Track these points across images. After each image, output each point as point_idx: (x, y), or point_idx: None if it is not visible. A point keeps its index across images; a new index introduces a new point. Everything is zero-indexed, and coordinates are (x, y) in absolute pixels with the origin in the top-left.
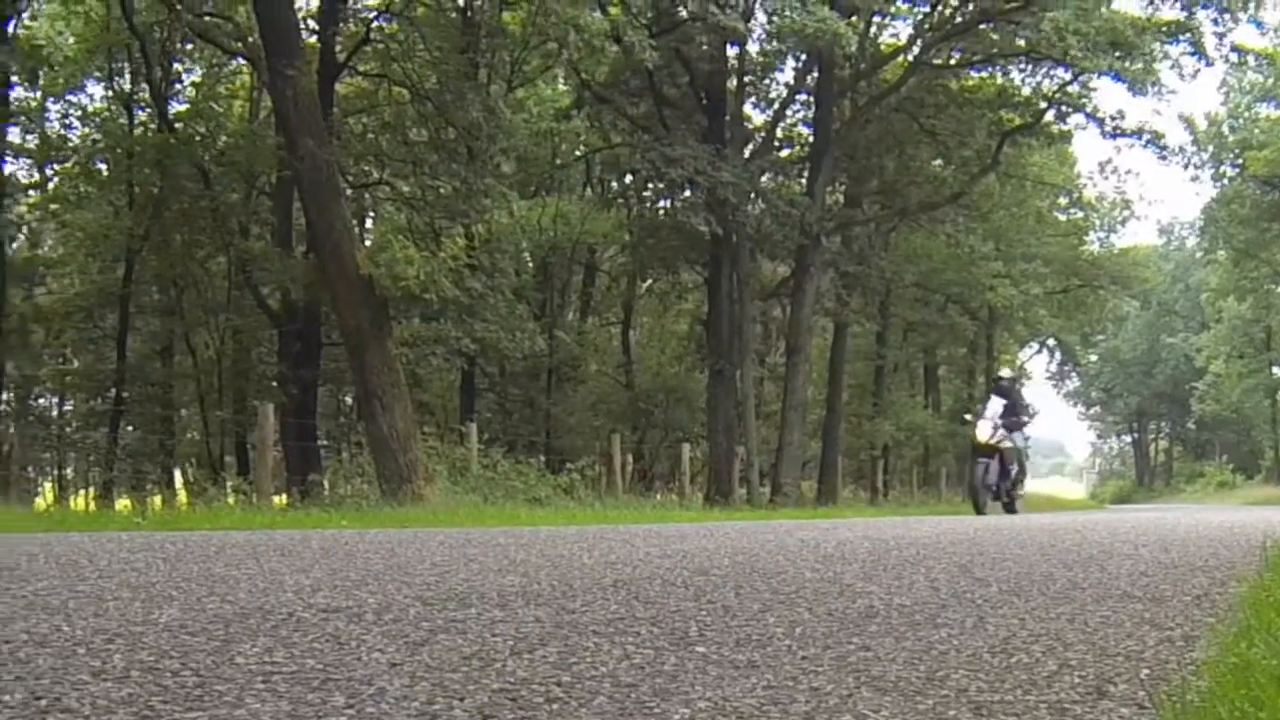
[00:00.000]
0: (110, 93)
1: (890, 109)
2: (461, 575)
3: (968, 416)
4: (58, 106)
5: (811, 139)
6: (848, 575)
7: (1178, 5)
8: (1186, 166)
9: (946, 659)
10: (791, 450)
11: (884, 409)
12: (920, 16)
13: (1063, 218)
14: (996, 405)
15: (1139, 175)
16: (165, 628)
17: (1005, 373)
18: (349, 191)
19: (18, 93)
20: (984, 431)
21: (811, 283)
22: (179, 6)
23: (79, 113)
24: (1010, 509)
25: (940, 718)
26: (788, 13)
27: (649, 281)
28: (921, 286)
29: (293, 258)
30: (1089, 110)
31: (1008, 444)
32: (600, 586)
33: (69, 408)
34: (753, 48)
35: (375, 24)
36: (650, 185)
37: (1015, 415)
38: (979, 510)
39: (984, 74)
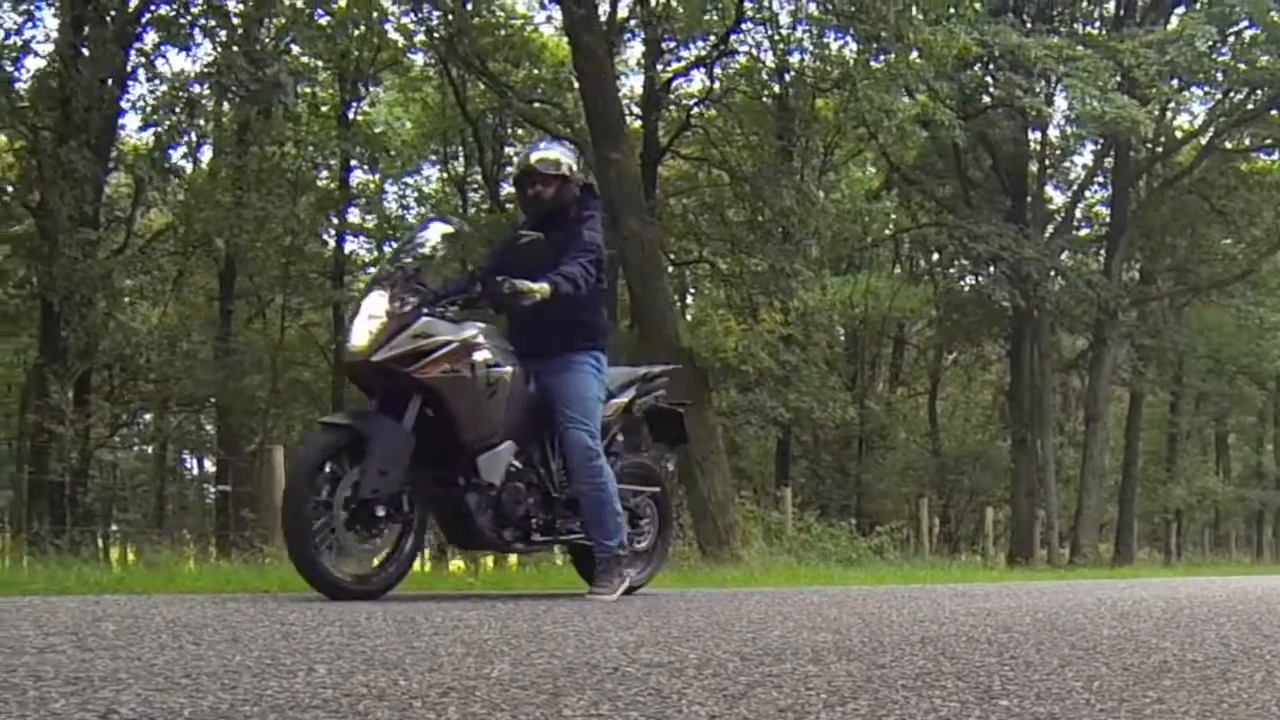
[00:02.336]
0: (445, 175)
1: (1183, 190)
2: (777, 632)
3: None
4: (395, 188)
5: (1109, 219)
6: (1143, 632)
7: None
8: None
9: (1236, 712)
10: (1090, 513)
11: (1176, 474)
12: (1213, 102)
13: None
14: (432, 240)
15: None
16: (496, 682)
17: (547, 152)
18: (671, 268)
19: (357, 175)
20: (363, 331)
21: (1109, 355)
22: (510, 94)
23: (415, 194)
24: (597, 588)
25: None
26: (1089, 101)
27: (954, 354)
28: (1212, 358)
29: (617, 331)
30: None
31: (468, 370)
32: (908, 643)
33: None
34: (1053, 133)
35: (695, 110)
36: (956, 262)
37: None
38: (311, 575)
39: (1273, 158)
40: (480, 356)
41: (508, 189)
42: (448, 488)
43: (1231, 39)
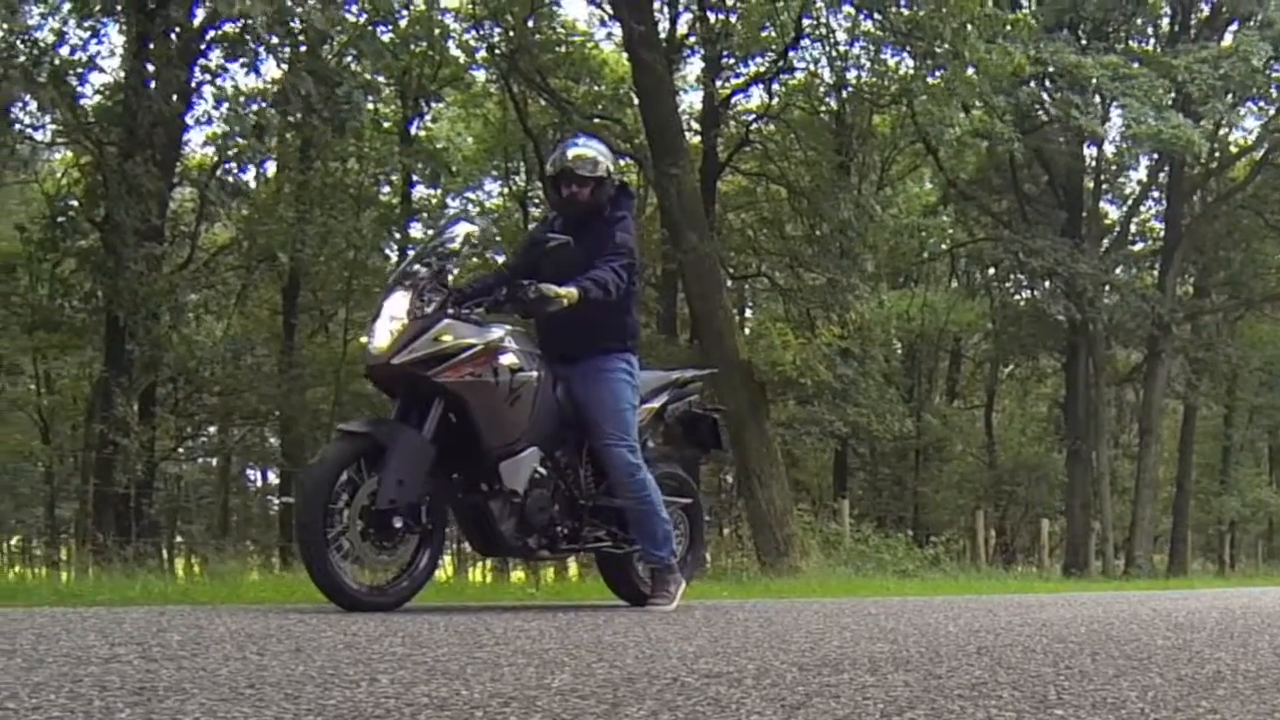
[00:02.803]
0: (506, 190)
1: (1237, 205)
2: (835, 642)
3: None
4: (457, 203)
5: (1163, 234)
6: (1197, 642)
7: None
8: None
9: None
10: (1144, 525)
11: (1230, 486)
12: (1266, 119)
13: None
14: (456, 241)
15: None
16: (557, 692)
17: (584, 150)
18: (729, 282)
19: (419, 190)
20: (384, 332)
21: (1163, 368)
22: (570, 110)
23: (477, 209)
24: (655, 598)
25: None
26: (1144, 121)
27: (1010, 367)
28: (1266, 371)
29: (676, 344)
30: None
31: (490, 374)
32: (964, 653)
33: None
34: (1108, 148)
35: (754, 126)
36: (1012, 276)
37: (579, 274)
38: (325, 585)
39: None
40: (505, 360)
41: None
42: (470, 494)
43: None
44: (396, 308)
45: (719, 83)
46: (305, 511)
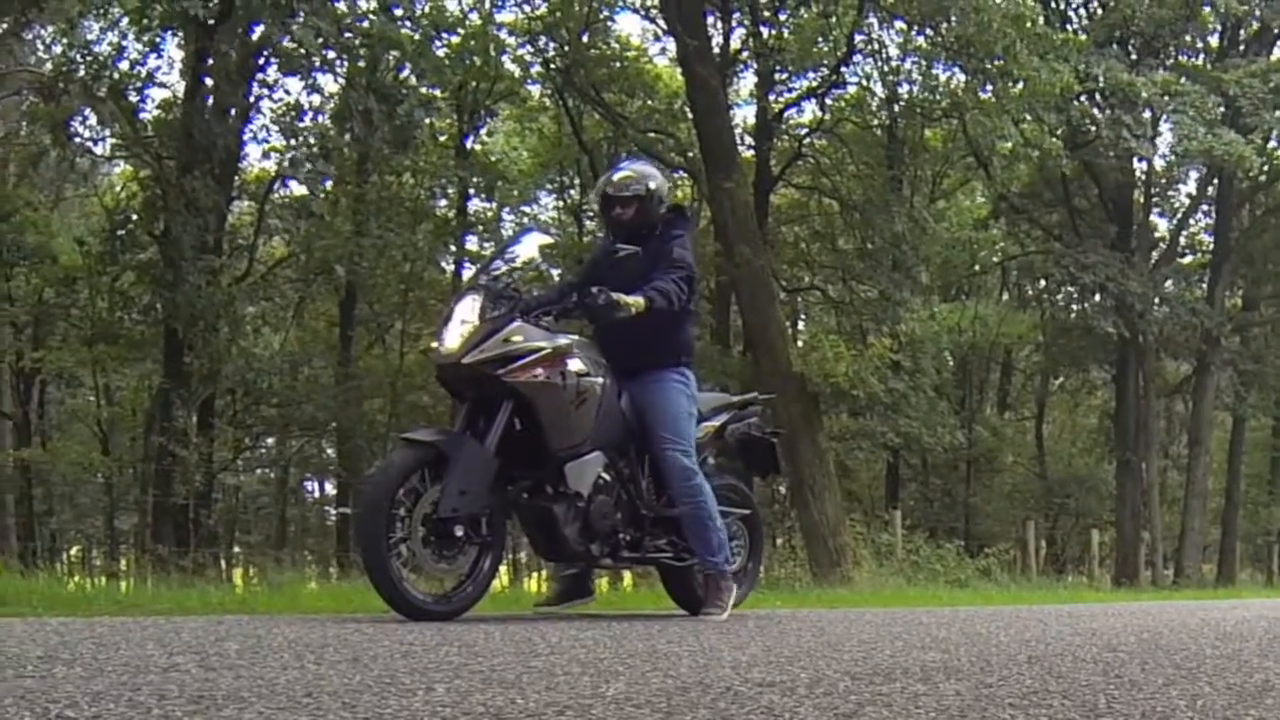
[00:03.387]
0: (561, 203)
1: None
2: (887, 652)
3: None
4: (512, 217)
5: (1212, 246)
6: (1245, 652)
7: None
8: None
9: None
10: (1193, 535)
11: (1279, 497)
12: None
13: None
14: (528, 250)
15: None
16: (612, 700)
17: (627, 172)
18: (782, 295)
19: (475, 204)
20: (455, 333)
21: (1211, 380)
22: (625, 124)
23: (532, 222)
24: (709, 607)
25: None
26: (1195, 137)
27: (1060, 379)
28: None
29: (730, 356)
30: None
31: (558, 377)
32: (1015, 662)
33: None
34: (1158, 162)
35: (807, 140)
36: (1063, 290)
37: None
38: (387, 593)
39: None
40: (572, 365)
41: None
42: (534, 497)
43: None
44: (467, 311)
45: (772, 97)
46: (367, 516)
